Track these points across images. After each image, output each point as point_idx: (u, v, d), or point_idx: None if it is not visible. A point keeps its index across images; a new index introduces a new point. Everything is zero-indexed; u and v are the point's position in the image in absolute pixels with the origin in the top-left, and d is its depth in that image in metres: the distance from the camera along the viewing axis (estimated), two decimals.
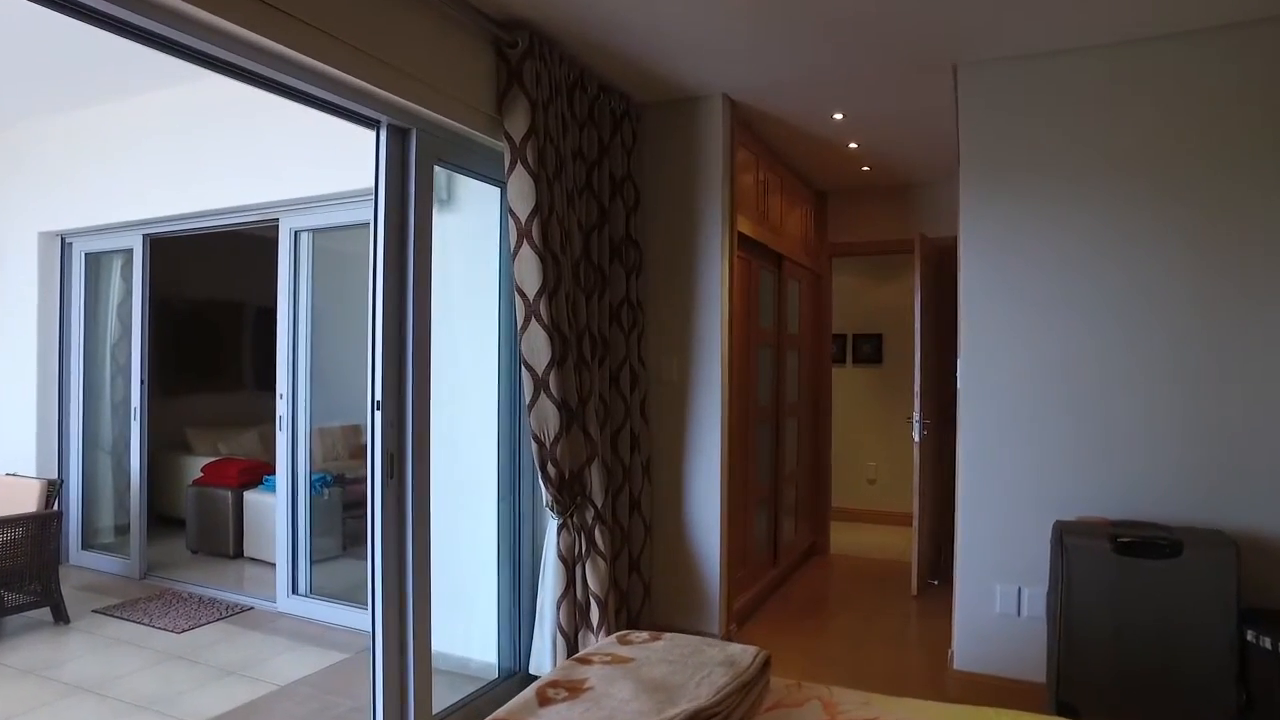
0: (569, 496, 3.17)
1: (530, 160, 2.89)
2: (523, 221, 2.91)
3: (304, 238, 4.25)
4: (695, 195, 3.73)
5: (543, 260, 2.94)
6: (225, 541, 5.31)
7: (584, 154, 3.30)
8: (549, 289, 2.97)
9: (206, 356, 6.83)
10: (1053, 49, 3.10)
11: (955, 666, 3.30)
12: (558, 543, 3.16)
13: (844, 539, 6.01)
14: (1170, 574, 2.69)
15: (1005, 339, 3.19)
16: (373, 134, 2.64)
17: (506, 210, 2.94)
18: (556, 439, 3.05)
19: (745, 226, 4.02)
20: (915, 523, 4.75)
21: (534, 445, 3.05)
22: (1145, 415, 2.98)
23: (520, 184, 2.89)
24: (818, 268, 5.64)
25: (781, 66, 3.35)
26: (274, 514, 4.59)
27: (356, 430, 5.55)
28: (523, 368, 3.01)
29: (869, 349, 6.94)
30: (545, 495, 3.13)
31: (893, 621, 4.25)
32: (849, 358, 7.03)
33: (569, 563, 3.17)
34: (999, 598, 3.20)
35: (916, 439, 4.66)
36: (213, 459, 5.77)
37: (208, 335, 6.82)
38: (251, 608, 4.36)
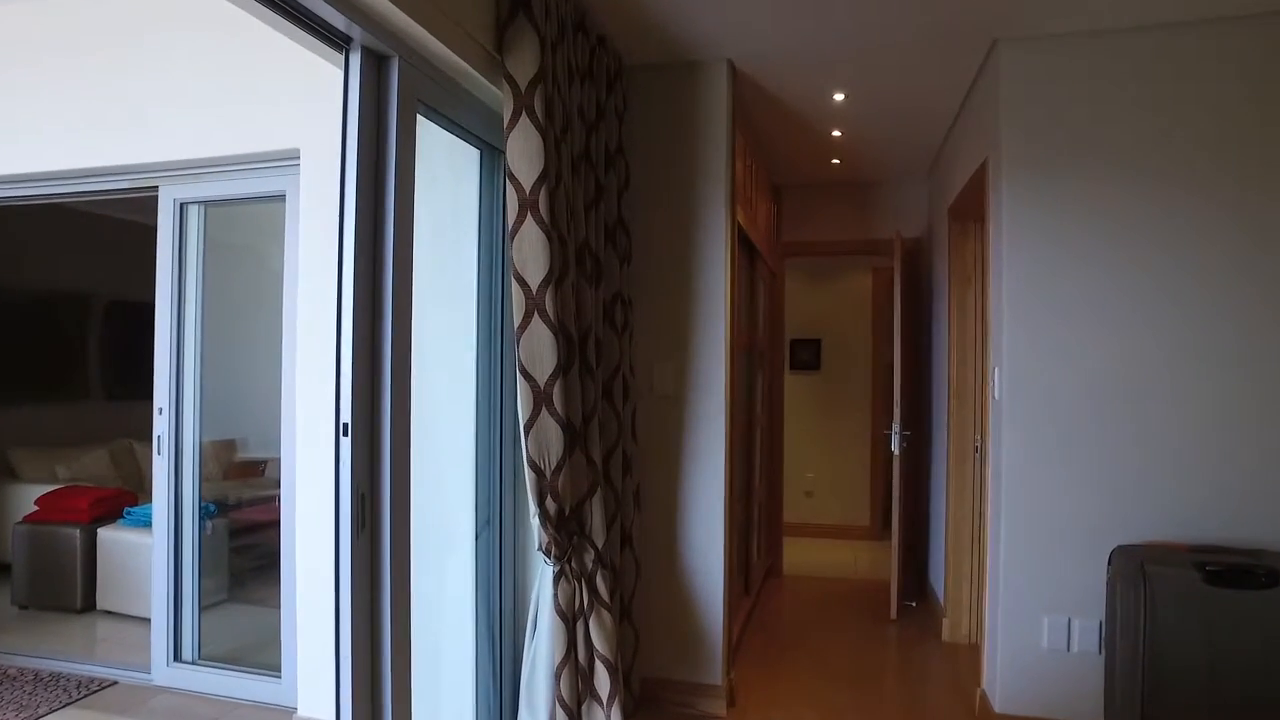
0: (567, 536, 2.56)
1: (538, 111, 2.26)
2: (527, 189, 2.28)
3: (193, 213, 3.37)
4: (694, 176, 3.20)
5: (549, 240, 2.32)
6: (70, 592, 4.24)
7: (584, 114, 2.70)
8: (555, 277, 2.35)
9: (41, 359, 5.57)
10: (1101, 27, 2.80)
11: (998, 709, 2.93)
12: (554, 594, 2.53)
13: (791, 557, 5.64)
14: (1268, 606, 2.42)
15: (1051, 347, 2.86)
16: (338, 66, 1.94)
17: (505, 176, 2.29)
18: (559, 466, 2.43)
19: (739, 215, 3.53)
20: (895, 541, 4.42)
21: (531, 475, 2.41)
22: (1208, 429, 2.73)
23: (525, 141, 2.26)
24: (777, 267, 5.25)
25: (802, 28, 2.88)
26: (142, 556, 3.64)
27: (230, 445, 4.63)
28: (520, 377, 2.37)
29: (807, 355, 6.65)
30: (539, 536, 2.49)
31: (888, 653, 3.89)
32: (786, 364, 6.71)
33: (569, 619, 2.55)
34: (1047, 631, 2.86)
35: (896, 451, 4.34)
36: (51, 488, 4.64)
37: (44, 333, 5.57)
38: (114, 682, 3.41)
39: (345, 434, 1.91)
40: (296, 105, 2.86)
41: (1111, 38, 2.81)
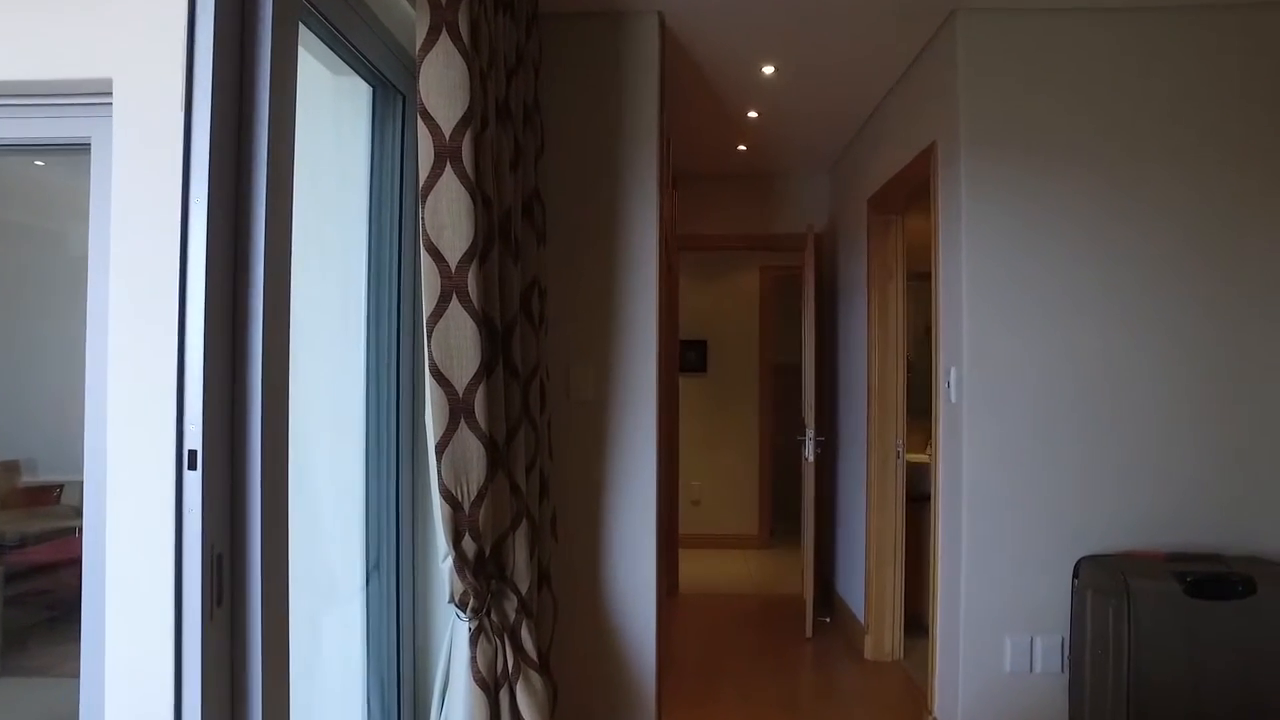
0: (486, 583, 2.02)
1: (463, 31, 1.72)
2: (447, 133, 1.73)
3: None
4: (619, 144, 2.74)
5: (474, 201, 1.78)
6: None
7: (505, 56, 2.16)
8: (480, 249, 1.82)
9: None
10: (1064, 4, 2.63)
11: None
12: (473, 657, 1.98)
13: (685, 572, 5.30)
14: (1246, 615, 2.29)
15: (1013, 348, 2.65)
16: None
17: (417, 115, 1.73)
18: (480, 495, 1.89)
19: None
20: (807, 554, 4.16)
21: (444, 508, 1.86)
22: (1170, 432, 2.61)
23: (445, 69, 1.71)
24: (672, 261, 4.88)
25: None
26: None
27: (11, 467, 3.65)
28: (432, 381, 1.81)
29: (693, 356, 6.35)
30: (452, 585, 1.94)
31: (815, 677, 3.60)
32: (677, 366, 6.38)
33: (491, 687, 2.00)
34: (1009, 652, 2.64)
35: (810, 458, 4.08)
36: None
37: None
38: None
39: (192, 466, 1.29)
40: (108, 16, 2.12)
41: (1071, 17, 2.64)
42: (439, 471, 1.85)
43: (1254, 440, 2.59)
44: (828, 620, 4.29)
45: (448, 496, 1.86)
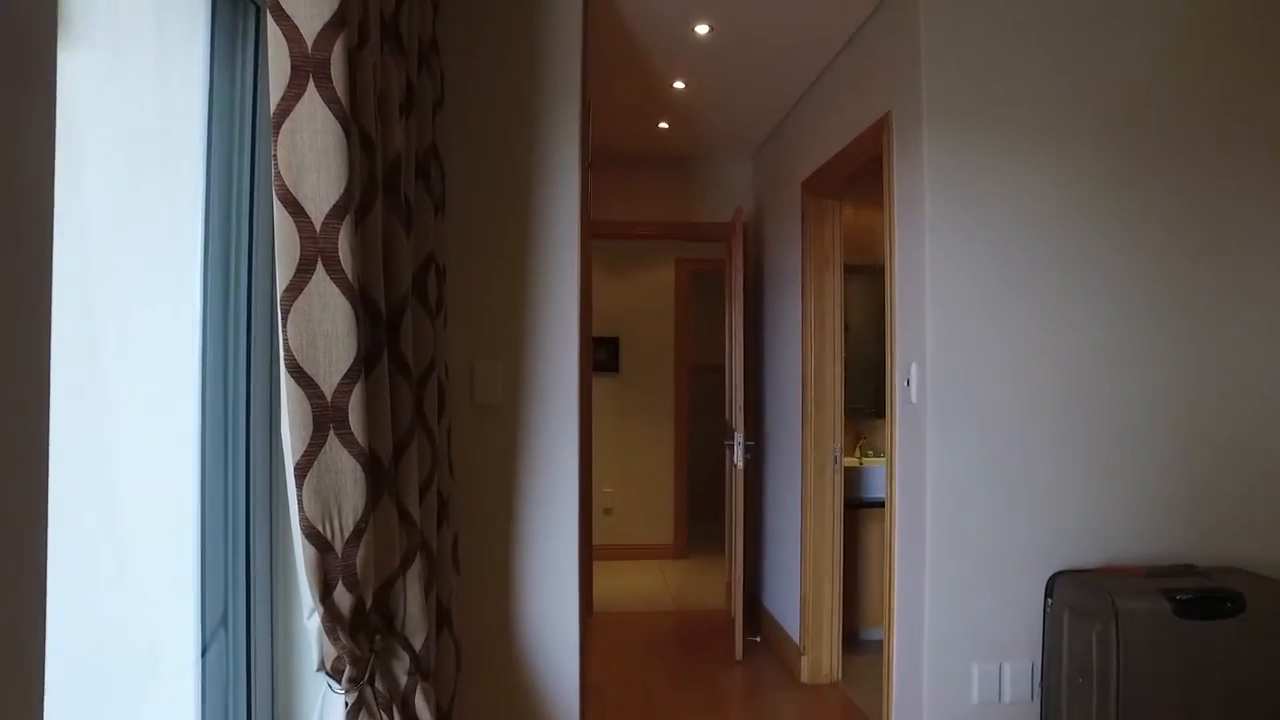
0: (368, 641, 1.55)
1: None
2: (310, 40, 1.27)
3: None
4: (533, 97, 2.31)
5: (348, 135, 1.32)
6: None
7: None
8: (356, 202, 1.36)
9: None
10: None
11: None
12: None
13: (599, 587, 4.89)
14: (1236, 635, 2.08)
15: (983, 343, 2.38)
16: None
17: (269, 14, 1.25)
18: (358, 530, 1.43)
19: None
20: (736, 571, 3.83)
21: (308, 550, 1.39)
22: (1145, 437, 2.40)
23: None
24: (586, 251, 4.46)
25: None
26: None
27: None
28: (289, 379, 1.33)
29: (604, 355, 5.94)
30: (322, 648, 1.46)
31: (754, 707, 3.26)
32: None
33: None
34: (977, 682, 2.36)
35: (739, 464, 3.75)
36: None
37: None
38: None
39: None
40: None
41: None
42: (300, 501, 1.37)
43: (1226, 446, 2.41)
44: (757, 639, 3.98)
45: (312, 535, 1.39)
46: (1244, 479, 2.41)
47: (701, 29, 2.89)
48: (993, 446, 2.36)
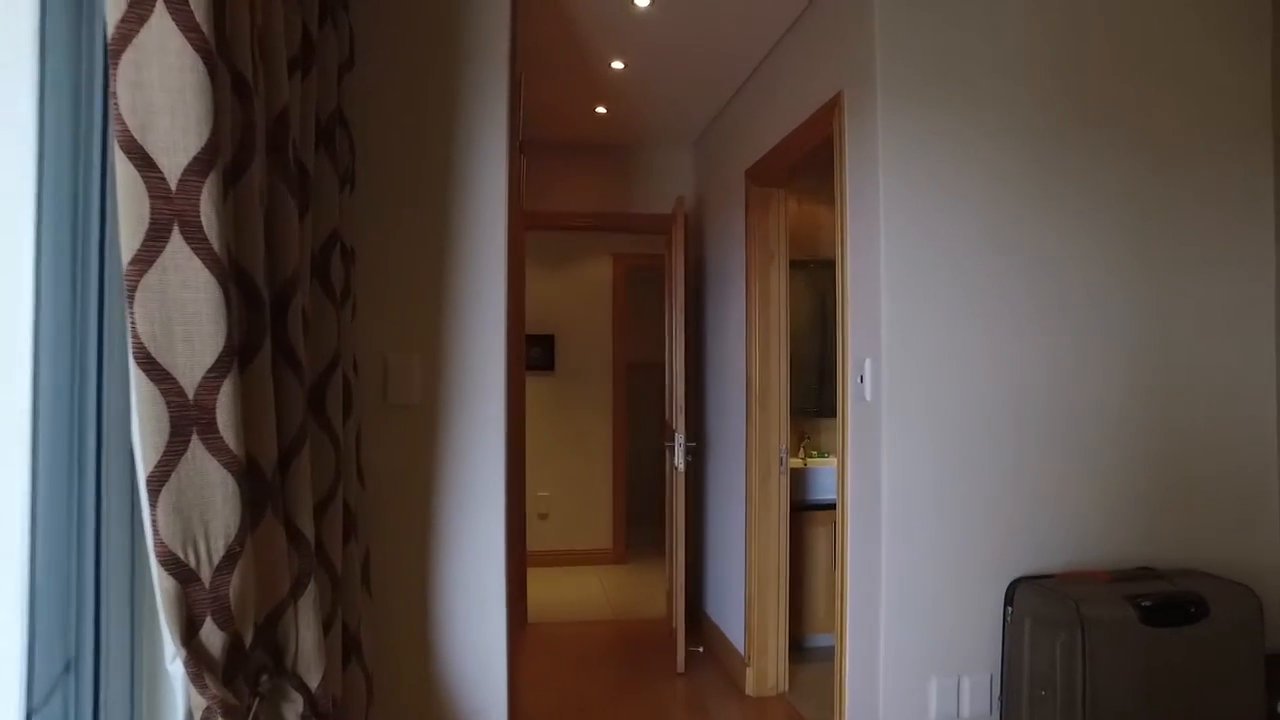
0: (250, 684, 1.30)
1: None
2: None
3: None
4: (456, 66, 2.08)
5: (211, 72, 1.07)
6: None
7: None
8: (225, 157, 1.11)
9: None
10: None
11: None
12: None
13: (534, 596, 4.66)
14: (1199, 642, 2.00)
15: (941, 338, 2.25)
16: None
17: None
18: (230, 554, 1.18)
19: None
20: (677, 578, 3.65)
21: (164, 580, 1.14)
22: (1104, 438, 2.31)
23: None
24: (520, 237, 4.22)
25: None
26: None
27: None
28: (138, 372, 1.08)
29: (538, 352, 5.70)
30: (189, 699, 1.21)
31: None
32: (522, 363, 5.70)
33: None
34: (935, 697, 2.23)
35: (680, 466, 3.57)
36: None
37: None
38: None
39: None
40: None
41: None
42: (154, 521, 1.12)
43: (1181, 447, 2.34)
44: (700, 650, 3.81)
45: (170, 562, 1.13)
46: (1200, 478, 2.34)
47: (642, 2, 2.69)
48: (951, 446, 2.24)
